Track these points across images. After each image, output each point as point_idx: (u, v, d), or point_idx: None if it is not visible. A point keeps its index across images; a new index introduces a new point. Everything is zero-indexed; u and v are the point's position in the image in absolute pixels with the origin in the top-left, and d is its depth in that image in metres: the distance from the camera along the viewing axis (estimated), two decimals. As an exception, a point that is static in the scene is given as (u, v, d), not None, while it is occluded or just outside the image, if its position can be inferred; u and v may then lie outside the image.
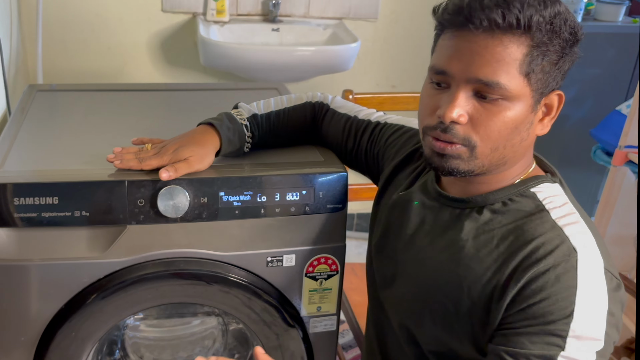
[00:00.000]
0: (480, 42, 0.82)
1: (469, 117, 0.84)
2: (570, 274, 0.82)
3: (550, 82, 0.85)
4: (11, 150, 1.18)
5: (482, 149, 0.86)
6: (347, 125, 1.21)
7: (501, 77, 0.81)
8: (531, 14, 0.80)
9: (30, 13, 2.14)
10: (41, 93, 1.53)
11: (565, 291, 0.81)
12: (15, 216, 1.05)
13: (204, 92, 1.72)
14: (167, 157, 1.08)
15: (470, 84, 0.83)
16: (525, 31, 0.81)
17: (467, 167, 0.88)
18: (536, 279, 0.82)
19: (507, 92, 0.82)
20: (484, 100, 0.84)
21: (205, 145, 1.11)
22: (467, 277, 0.90)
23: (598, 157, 2.13)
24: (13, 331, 1.12)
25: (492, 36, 0.81)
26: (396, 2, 2.46)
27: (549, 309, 0.81)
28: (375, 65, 2.55)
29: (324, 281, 1.22)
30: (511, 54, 0.81)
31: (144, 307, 1.18)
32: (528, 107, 0.85)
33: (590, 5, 2.72)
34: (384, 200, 1.11)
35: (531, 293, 0.82)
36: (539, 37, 0.81)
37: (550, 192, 0.91)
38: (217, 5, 2.26)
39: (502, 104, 0.83)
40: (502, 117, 0.83)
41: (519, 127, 0.85)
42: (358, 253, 2.69)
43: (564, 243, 0.84)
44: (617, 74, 2.68)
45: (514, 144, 0.87)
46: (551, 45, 0.82)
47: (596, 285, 0.83)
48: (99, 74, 2.31)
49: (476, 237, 0.91)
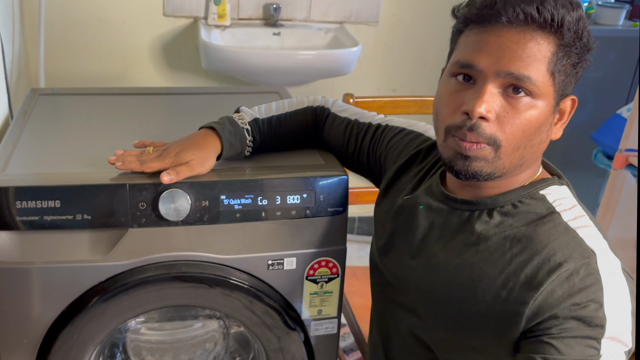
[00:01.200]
0: (512, 36, 0.81)
1: (495, 115, 0.83)
2: (593, 276, 0.81)
3: (568, 86, 0.86)
4: (14, 154, 1.19)
5: (506, 148, 0.85)
6: (349, 128, 1.21)
7: (531, 72, 0.81)
8: (563, 13, 0.81)
9: (33, 16, 2.15)
10: (43, 97, 1.54)
11: (593, 294, 0.81)
12: (17, 219, 1.05)
13: (205, 95, 1.73)
14: (169, 160, 1.09)
15: (499, 79, 0.82)
16: (557, 29, 0.81)
17: (490, 169, 0.87)
18: (561, 285, 0.82)
19: (535, 88, 0.82)
20: (510, 97, 0.83)
21: (206, 149, 1.11)
22: (482, 281, 0.89)
23: (599, 161, 2.13)
24: (15, 334, 1.13)
25: (524, 31, 0.81)
26: (397, 6, 2.47)
27: (579, 312, 0.81)
28: (376, 69, 2.56)
29: (324, 284, 1.22)
30: (542, 50, 0.81)
31: (145, 310, 1.18)
32: (550, 108, 0.85)
33: (591, 9, 2.72)
34: (386, 203, 1.11)
35: (559, 299, 0.81)
36: (568, 37, 0.82)
37: (559, 194, 0.91)
38: (218, 9, 2.26)
39: (528, 101, 0.83)
40: (529, 115, 0.83)
41: (541, 127, 0.86)
42: (359, 256, 2.69)
43: (580, 246, 0.84)
44: (617, 78, 2.68)
45: (534, 144, 0.87)
46: (574, 47, 0.83)
47: (620, 285, 0.83)
48: (101, 77, 2.31)
49: (488, 239, 0.90)
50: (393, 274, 1.07)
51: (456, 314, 0.92)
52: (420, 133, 1.14)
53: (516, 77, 0.81)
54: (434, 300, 0.96)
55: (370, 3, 2.42)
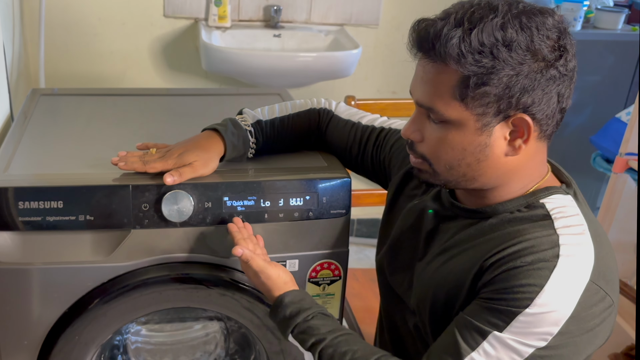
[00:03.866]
0: (425, 67, 0.88)
1: (423, 137, 0.91)
2: (541, 273, 0.82)
3: (503, 105, 0.84)
4: (15, 154, 1.18)
5: (437, 166, 0.91)
6: (352, 131, 1.22)
7: (435, 102, 0.86)
8: (452, 45, 0.81)
9: (33, 17, 2.15)
10: (44, 97, 1.54)
11: (529, 287, 0.82)
12: (19, 220, 1.05)
13: (205, 97, 1.73)
14: (172, 161, 1.09)
15: (420, 106, 0.90)
16: (451, 61, 0.83)
17: (435, 181, 0.94)
18: (510, 270, 0.84)
19: (444, 117, 0.86)
20: (433, 123, 0.89)
21: (209, 150, 1.11)
22: (465, 273, 0.91)
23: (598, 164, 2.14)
24: (16, 335, 1.12)
25: (433, 63, 0.86)
26: (397, 9, 2.47)
27: (507, 296, 0.83)
28: (376, 72, 2.56)
29: (326, 286, 1.22)
30: (444, 80, 0.85)
31: (147, 312, 1.18)
32: (473, 130, 0.86)
33: (590, 13, 2.73)
34: (397, 209, 1.11)
35: (501, 279, 0.85)
36: (467, 66, 0.82)
37: (560, 203, 0.91)
38: (219, 10, 2.26)
39: (445, 126, 0.87)
40: (445, 139, 0.88)
41: (467, 149, 0.87)
42: (358, 259, 2.69)
43: (552, 249, 0.84)
44: (616, 82, 2.69)
45: (469, 164, 0.88)
46: (492, 71, 0.81)
47: (565, 292, 0.82)
48: (101, 78, 2.31)
49: (481, 243, 0.92)
50: (400, 276, 1.08)
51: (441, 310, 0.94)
52: None
53: (424, 106, 0.88)
54: (437, 304, 0.97)
55: (371, 6, 2.43)
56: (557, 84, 0.85)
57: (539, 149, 0.91)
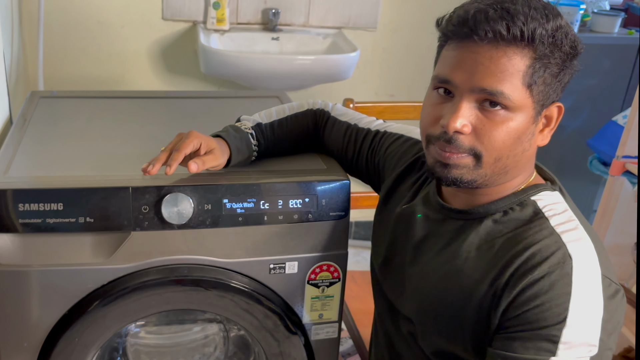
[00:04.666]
0: (485, 53, 0.83)
1: (472, 128, 0.86)
2: (564, 280, 0.82)
3: (551, 94, 0.87)
4: (15, 157, 1.19)
5: (487, 158, 0.87)
6: (348, 133, 1.22)
7: (505, 87, 0.83)
8: (535, 27, 0.81)
9: (32, 20, 2.15)
10: (43, 100, 1.54)
11: (559, 298, 0.82)
12: (19, 222, 1.05)
13: (204, 100, 1.73)
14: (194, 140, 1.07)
15: (474, 94, 0.85)
16: (529, 43, 0.82)
17: (470, 177, 0.89)
18: (531, 286, 0.83)
19: (510, 102, 0.83)
20: (487, 111, 0.85)
21: (221, 144, 1.12)
22: (470, 287, 0.90)
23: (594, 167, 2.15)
24: (16, 337, 1.12)
25: (497, 47, 0.83)
26: (395, 12, 2.48)
27: (542, 315, 0.82)
28: (374, 75, 2.57)
29: (326, 288, 1.23)
30: (515, 65, 0.83)
31: (148, 314, 1.18)
32: (530, 118, 0.86)
33: (587, 17, 2.74)
34: (387, 211, 1.11)
35: (526, 299, 0.83)
36: (542, 50, 0.83)
37: (550, 200, 0.92)
38: (217, 13, 2.27)
39: (505, 114, 0.85)
40: (505, 127, 0.85)
41: (522, 138, 0.87)
42: (356, 261, 2.70)
43: (560, 250, 0.85)
44: (613, 85, 2.70)
45: (516, 153, 0.88)
46: (553, 58, 0.84)
47: (591, 292, 0.84)
48: (99, 81, 2.31)
49: (479, 247, 0.92)
50: (392, 282, 1.08)
51: (448, 321, 0.93)
52: (418, 140, 1.14)
53: (489, 92, 0.83)
54: (428, 307, 0.97)
55: (369, 9, 2.44)
56: (570, 78, 0.88)
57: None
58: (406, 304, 1.03)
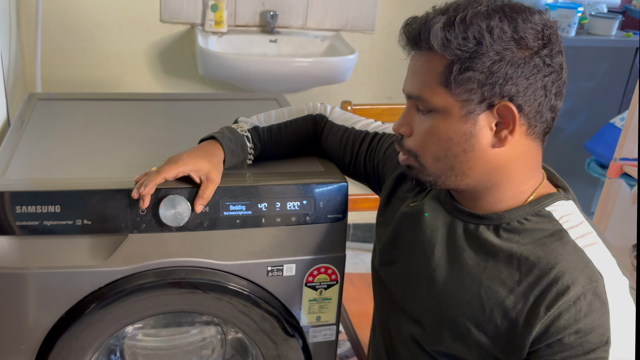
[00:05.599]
0: (415, 60, 0.91)
1: (412, 131, 0.93)
2: (600, 300, 0.82)
3: (487, 93, 0.84)
4: (12, 159, 1.18)
5: (424, 159, 0.92)
6: (345, 136, 1.22)
7: (423, 91, 0.89)
8: (435, 33, 0.85)
9: (30, 22, 2.15)
10: (41, 102, 1.54)
11: (599, 319, 0.82)
12: (17, 224, 1.05)
13: (202, 102, 1.73)
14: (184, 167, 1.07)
15: (410, 99, 0.93)
16: (435, 49, 0.85)
17: (424, 178, 0.94)
18: (568, 310, 0.83)
19: (431, 105, 0.88)
20: (421, 114, 0.91)
21: (215, 156, 1.11)
22: (490, 299, 0.89)
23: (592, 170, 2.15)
24: (13, 339, 1.12)
25: (421, 54, 0.89)
26: (393, 15, 2.48)
27: (585, 338, 0.82)
28: (372, 77, 2.57)
29: (323, 291, 1.22)
30: (431, 68, 0.87)
31: (144, 316, 1.18)
32: (458, 118, 0.87)
33: (584, 20, 2.75)
34: (390, 212, 1.11)
35: (565, 324, 0.83)
36: (452, 52, 0.84)
37: (565, 210, 0.91)
38: (215, 16, 2.27)
39: (432, 115, 0.89)
40: (432, 127, 0.90)
41: (453, 138, 0.88)
42: (354, 263, 2.70)
43: (587, 267, 0.84)
44: (610, 87, 2.71)
45: (455, 154, 0.89)
46: (476, 57, 0.83)
47: (626, 306, 0.84)
48: (97, 83, 2.31)
49: (495, 256, 0.91)
50: (397, 282, 1.07)
51: (464, 331, 0.93)
52: None
53: (413, 97, 0.91)
54: (441, 315, 0.96)
55: (366, 11, 2.44)
56: (543, 75, 0.85)
57: (530, 148, 0.90)
58: (417, 305, 1.02)
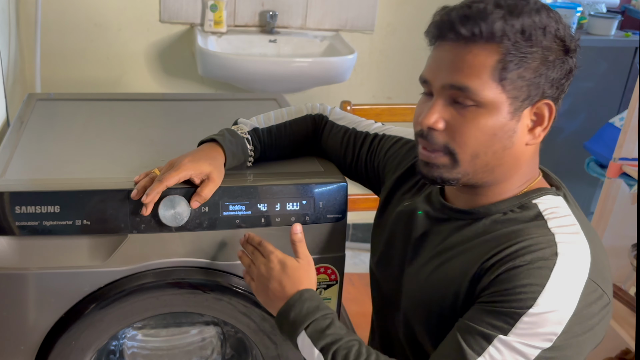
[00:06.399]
0: (453, 50, 0.86)
1: (446, 124, 0.88)
2: (542, 272, 0.83)
3: (533, 91, 0.86)
4: (12, 159, 1.18)
5: (462, 155, 0.88)
6: (346, 137, 1.22)
7: (471, 82, 0.85)
8: (495, 23, 0.83)
9: (29, 22, 2.15)
10: (41, 102, 1.54)
11: (531, 287, 0.82)
12: (16, 225, 1.05)
13: (201, 102, 1.73)
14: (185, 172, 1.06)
15: (445, 91, 0.87)
16: (494, 41, 0.84)
17: (450, 176, 0.90)
18: (509, 271, 0.84)
19: (478, 98, 0.85)
20: (460, 108, 0.87)
21: (216, 159, 1.11)
22: (458, 277, 0.91)
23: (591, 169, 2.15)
24: (13, 340, 1.12)
25: (463, 46, 0.85)
26: (392, 15, 2.48)
27: (510, 297, 0.83)
28: (371, 77, 2.57)
29: (323, 291, 1.22)
30: (481, 61, 0.84)
31: (144, 317, 1.18)
32: (505, 114, 0.86)
33: (583, 20, 2.75)
34: (387, 213, 1.11)
35: (501, 280, 0.85)
36: (508, 46, 0.83)
37: (552, 204, 0.92)
38: (214, 16, 2.27)
39: (476, 110, 0.86)
40: (477, 123, 0.86)
41: (498, 134, 0.87)
42: (354, 263, 2.70)
43: (550, 247, 0.85)
44: (609, 87, 2.71)
45: (495, 151, 0.88)
46: (528, 53, 0.84)
47: (567, 291, 0.83)
48: (96, 83, 2.31)
49: (470, 240, 0.92)
50: (390, 280, 1.08)
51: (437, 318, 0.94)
52: None
53: (457, 87, 0.85)
54: (429, 306, 0.96)
55: (366, 12, 2.44)
56: (569, 78, 0.88)
57: (538, 147, 0.93)
58: (402, 303, 1.03)
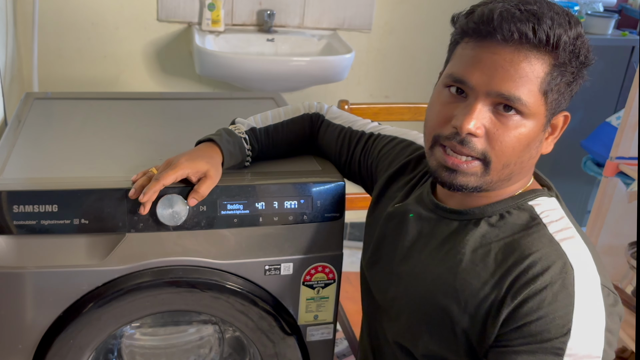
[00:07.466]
0: (506, 55, 0.80)
1: (485, 131, 0.84)
2: (567, 291, 0.82)
3: (562, 103, 0.86)
4: (9, 158, 1.18)
5: (496, 164, 0.85)
6: (341, 136, 1.22)
7: (522, 93, 0.81)
8: (560, 32, 0.80)
9: (26, 21, 2.15)
10: (38, 101, 1.54)
11: (562, 309, 0.81)
12: (14, 223, 1.05)
13: (199, 101, 1.73)
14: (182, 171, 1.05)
15: (490, 97, 0.82)
16: (552, 49, 0.80)
17: (477, 184, 0.87)
18: (533, 297, 0.82)
19: (525, 109, 0.82)
20: (501, 115, 0.83)
21: (214, 158, 1.11)
22: (464, 291, 0.89)
23: (588, 168, 2.15)
24: (11, 339, 1.12)
25: (519, 50, 0.80)
26: (390, 14, 2.49)
27: (545, 327, 0.81)
28: (369, 76, 2.57)
29: (321, 289, 1.23)
30: (535, 70, 0.81)
31: (142, 315, 1.18)
32: (540, 126, 0.85)
33: (581, 19, 2.76)
34: (378, 211, 1.11)
35: (528, 311, 0.82)
36: (563, 57, 0.81)
37: (547, 206, 0.92)
38: (212, 15, 2.27)
39: (518, 120, 0.83)
40: (518, 132, 0.83)
41: (531, 145, 0.86)
42: (351, 262, 2.69)
43: (560, 259, 0.84)
44: (606, 86, 2.71)
45: (523, 160, 0.87)
46: (570, 66, 0.82)
47: (593, 302, 0.83)
48: (94, 82, 2.31)
49: (474, 250, 0.91)
50: (380, 281, 1.07)
51: (440, 324, 0.92)
52: (412, 142, 1.14)
53: (507, 97, 0.81)
54: (419, 308, 0.96)
55: (363, 11, 2.44)
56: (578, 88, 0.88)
57: None
58: (395, 304, 1.02)
